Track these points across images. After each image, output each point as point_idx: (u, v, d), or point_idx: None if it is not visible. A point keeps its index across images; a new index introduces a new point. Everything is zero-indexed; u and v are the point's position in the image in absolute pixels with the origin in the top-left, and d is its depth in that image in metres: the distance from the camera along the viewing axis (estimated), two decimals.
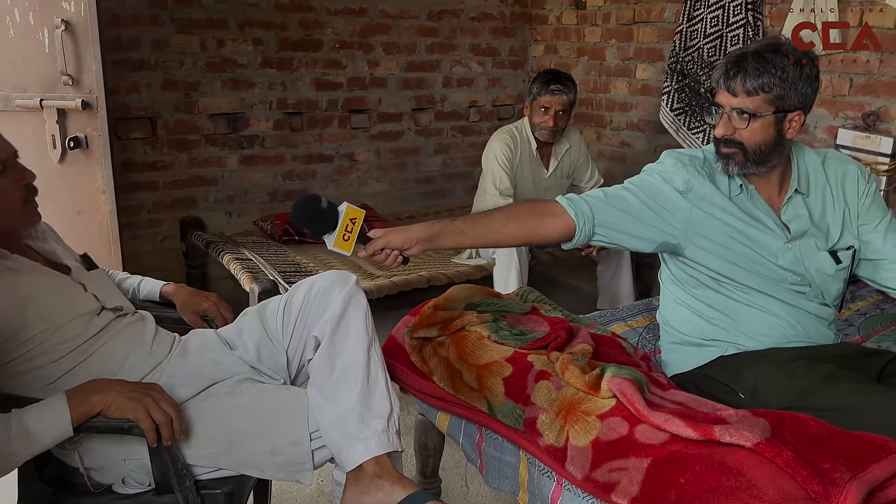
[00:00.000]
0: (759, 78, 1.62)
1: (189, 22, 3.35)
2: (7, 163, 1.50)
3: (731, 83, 1.65)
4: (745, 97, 1.64)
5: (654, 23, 3.77)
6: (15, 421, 1.32)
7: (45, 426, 1.35)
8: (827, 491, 1.21)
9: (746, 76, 1.62)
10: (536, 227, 1.73)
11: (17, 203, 1.51)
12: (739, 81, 1.63)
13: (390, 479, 1.52)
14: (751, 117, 1.65)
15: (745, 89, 1.63)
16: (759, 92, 1.63)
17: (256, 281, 2.59)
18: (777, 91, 1.62)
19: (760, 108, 1.64)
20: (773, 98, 1.63)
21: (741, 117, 1.66)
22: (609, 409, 1.47)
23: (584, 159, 3.38)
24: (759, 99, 1.64)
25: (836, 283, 1.81)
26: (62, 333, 1.51)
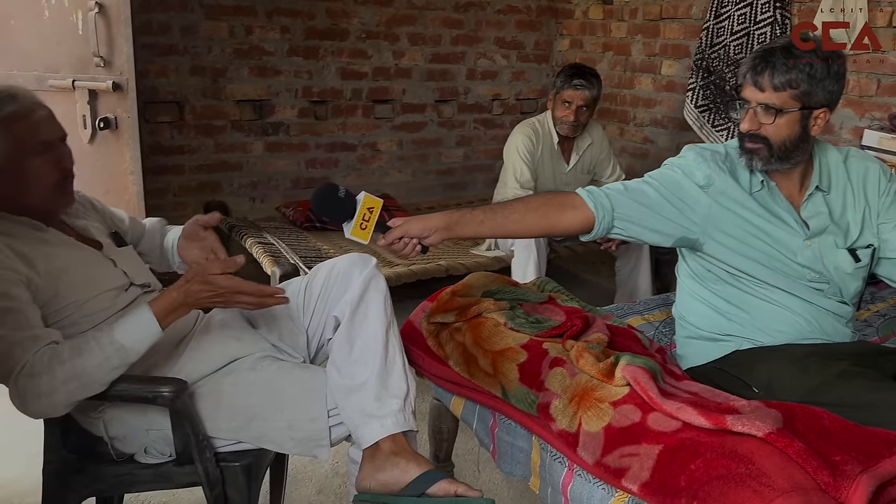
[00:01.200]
0: (786, 74, 1.62)
1: (218, 8, 3.40)
2: (51, 144, 1.55)
3: (758, 78, 1.65)
4: (772, 92, 1.64)
5: (681, 19, 3.76)
6: (108, 340, 1.42)
7: (137, 338, 1.44)
8: (837, 482, 1.22)
9: (774, 71, 1.62)
10: (555, 219, 1.74)
11: (50, 185, 1.55)
12: (767, 77, 1.63)
13: (406, 456, 1.55)
14: (777, 113, 1.65)
15: (772, 84, 1.63)
16: (787, 88, 1.63)
17: (278, 264, 2.63)
18: (804, 87, 1.62)
19: (787, 103, 1.64)
20: (800, 94, 1.63)
21: (767, 113, 1.66)
22: (622, 396, 1.49)
23: (606, 155, 3.39)
24: (786, 95, 1.64)
25: (854, 282, 1.81)
26: (91, 306, 1.56)
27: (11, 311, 1.39)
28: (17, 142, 1.50)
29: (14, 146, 1.50)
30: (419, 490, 1.52)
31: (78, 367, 1.38)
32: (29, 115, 1.53)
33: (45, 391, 1.36)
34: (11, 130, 1.50)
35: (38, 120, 1.54)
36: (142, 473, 1.58)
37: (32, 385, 1.36)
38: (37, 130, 1.53)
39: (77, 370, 1.38)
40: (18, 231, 1.52)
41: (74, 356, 1.39)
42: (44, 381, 1.36)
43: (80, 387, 1.40)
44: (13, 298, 1.40)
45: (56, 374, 1.36)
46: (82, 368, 1.39)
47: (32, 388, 1.36)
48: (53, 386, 1.36)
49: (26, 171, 1.51)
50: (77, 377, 1.38)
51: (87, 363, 1.39)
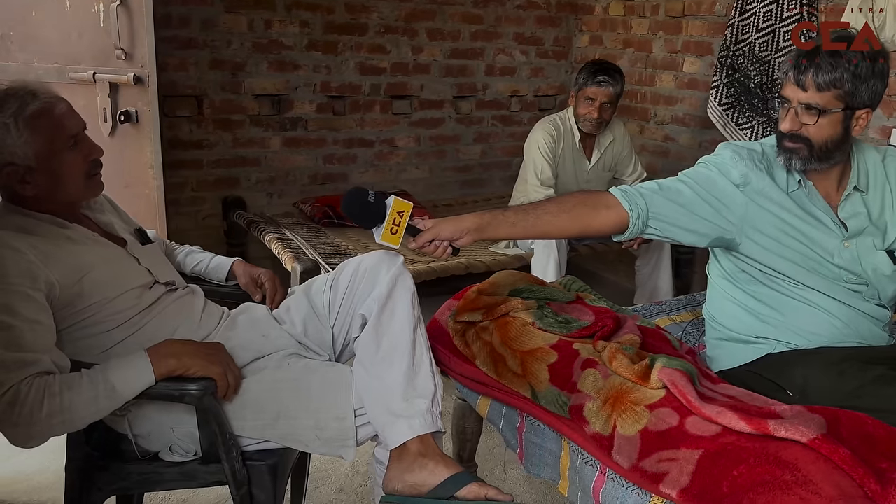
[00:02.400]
0: (831, 73, 1.57)
1: (237, 2, 3.37)
2: (78, 136, 1.54)
3: (801, 77, 1.60)
4: (816, 92, 1.60)
5: (704, 16, 3.71)
6: (101, 379, 1.38)
7: (130, 384, 1.40)
8: (885, 490, 1.19)
9: (819, 70, 1.58)
10: (589, 219, 1.70)
11: (81, 176, 1.55)
12: (811, 76, 1.59)
13: (434, 458, 1.52)
14: (820, 113, 1.61)
15: (816, 84, 1.59)
16: (831, 88, 1.58)
17: (298, 260, 2.61)
18: (848, 87, 1.58)
19: (830, 104, 1.60)
20: (844, 94, 1.59)
21: (809, 113, 1.61)
22: (658, 399, 1.46)
23: (628, 152, 3.35)
24: (830, 95, 1.59)
25: (892, 284, 1.77)
26: (115, 304, 1.54)
27: (8, 328, 1.34)
28: (47, 138, 1.49)
29: (44, 143, 1.49)
30: (448, 493, 1.50)
31: (66, 402, 1.33)
32: (52, 111, 1.51)
33: (23, 422, 1.30)
34: (40, 128, 1.48)
35: (62, 114, 1.53)
36: (167, 472, 1.56)
37: (12, 413, 1.30)
38: (62, 125, 1.52)
39: (64, 405, 1.32)
40: (43, 230, 1.50)
41: (65, 391, 1.33)
42: (25, 411, 1.30)
43: (62, 423, 1.34)
44: (14, 315, 1.35)
45: (42, 407, 1.30)
46: (70, 405, 1.33)
47: (11, 416, 1.30)
48: (35, 418, 1.30)
49: (59, 166, 1.50)
50: (62, 412, 1.32)
51: (75, 399, 1.34)
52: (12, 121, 1.46)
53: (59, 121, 1.51)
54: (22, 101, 1.48)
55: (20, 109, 1.47)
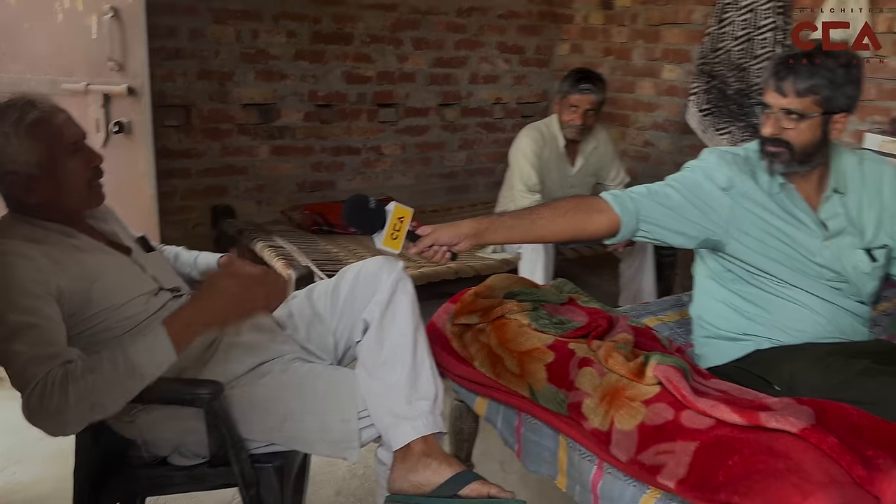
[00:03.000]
0: (809, 79, 1.65)
1: (225, 12, 3.41)
2: (78, 144, 1.57)
3: (781, 84, 1.68)
4: (795, 98, 1.68)
5: (682, 24, 3.81)
6: (122, 359, 1.37)
7: (152, 361, 1.39)
8: (871, 476, 1.25)
9: (798, 77, 1.66)
10: (582, 223, 1.76)
11: (84, 184, 1.58)
12: (790, 82, 1.67)
13: (437, 457, 1.57)
14: (800, 118, 1.68)
15: (795, 90, 1.67)
16: (809, 94, 1.66)
17: (292, 267, 2.64)
18: (826, 93, 1.66)
19: (809, 109, 1.68)
20: (822, 100, 1.67)
21: (790, 118, 1.69)
22: (654, 395, 1.51)
23: (611, 158, 3.42)
24: (809, 100, 1.67)
25: (871, 281, 1.85)
26: (123, 311, 1.57)
27: (33, 326, 1.36)
28: (48, 146, 1.52)
29: (45, 151, 1.51)
30: (452, 491, 1.54)
31: (90, 385, 1.34)
32: (52, 120, 1.54)
33: (55, 410, 1.32)
34: (40, 136, 1.51)
35: (62, 123, 1.56)
36: (175, 475, 1.59)
37: (43, 405, 1.31)
38: (62, 133, 1.55)
39: (89, 389, 1.34)
40: (52, 239, 1.53)
41: (87, 374, 1.34)
42: (54, 400, 1.31)
43: (90, 406, 1.34)
44: (35, 313, 1.38)
45: (68, 393, 1.32)
46: (94, 387, 1.34)
47: (43, 408, 1.32)
48: (65, 405, 1.32)
49: (61, 174, 1.53)
50: (88, 396, 1.34)
51: (98, 382, 1.34)
52: (12, 130, 1.48)
53: (58, 129, 1.54)
54: (21, 111, 1.50)
55: (20, 119, 1.49)
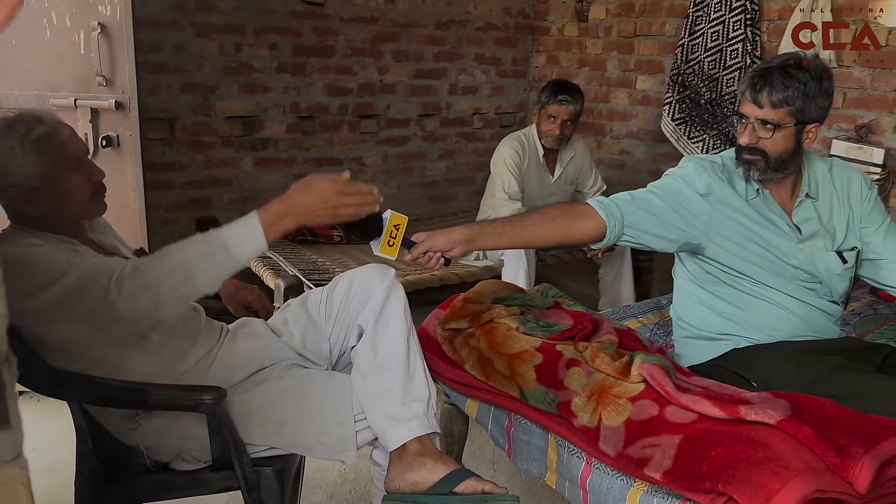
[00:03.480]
0: (783, 91, 1.75)
1: (208, 27, 3.45)
2: (81, 159, 1.62)
3: (757, 95, 1.78)
4: (770, 109, 1.77)
5: (655, 36, 3.92)
6: (214, 236, 1.42)
7: (243, 241, 1.44)
8: (844, 462, 1.33)
9: (773, 89, 1.76)
10: (569, 229, 1.84)
11: (86, 197, 1.63)
12: (766, 94, 1.76)
13: (433, 457, 1.62)
14: (775, 128, 1.78)
15: (770, 102, 1.76)
16: (784, 105, 1.76)
17: (280, 277, 2.68)
18: (799, 104, 1.76)
19: (784, 119, 1.78)
20: (795, 111, 1.77)
21: (765, 128, 1.79)
22: (639, 392, 1.59)
23: (588, 166, 3.51)
24: (784, 111, 1.77)
25: (842, 282, 1.95)
26: None
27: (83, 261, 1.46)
28: (53, 160, 1.56)
29: (50, 164, 1.56)
30: (447, 488, 1.59)
31: (184, 256, 1.39)
32: (57, 134, 1.59)
33: (151, 281, 1.37)
34: (45, 150, 1.55)
35: (66, 138, 1.61)
36: (178, 480, 1.63)
37: (137, 278, 1.37)
38: (67, 148, 1.60)
39: (183, 259, 1.39)
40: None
41: (178, 249, 1.40)
42: (149, 272, 1.38)
43: (183, 280, 1.39)
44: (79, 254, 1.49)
45: (163, 263, 1.38)
46: (186, 259, 1.39)
47: (137, 282, 1.37)
48: (158, 277, 1.38)
49: (64, 187, 1.57)
50: (182, 267, 1.39)
51: (191, 254, 1.40)
52: (18, 144, 1.53)
53: (62, 144, 1.59)
54: (28, 126, 1.55)
55: (26, 133, 1.54)
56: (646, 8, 3.93)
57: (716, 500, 1.35)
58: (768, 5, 3.38)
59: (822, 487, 1.29)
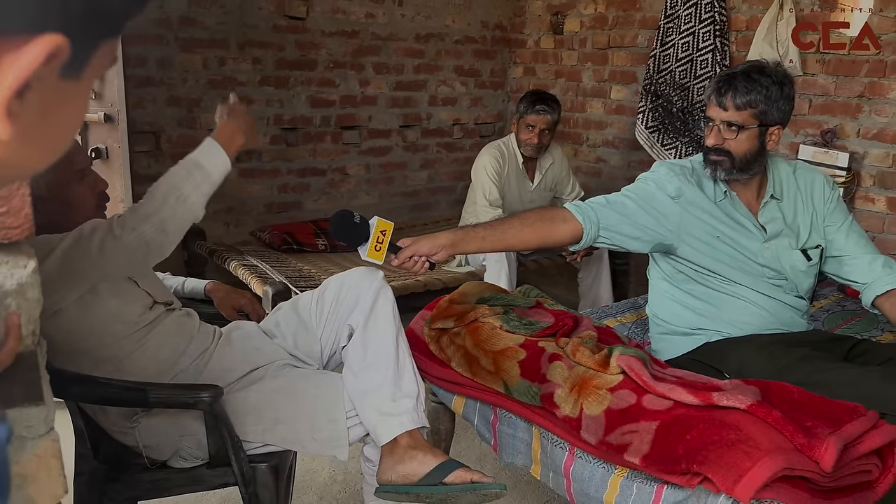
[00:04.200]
0: (747, 95, 1.86)
1: (192, 42, 3.51)
2: (85, 171, 1.68)
3: (722, 99, 1.88)
4: (735, 111, 1.88)
5: (628, 47, 4.04)
6: (187, 161, 1.60)
7: (211, 159, 1.62)
8: (811, 443, 1.42)
9: (736, 93, 1.86)
10: (548, 232, 1.93)
11: (91, 207, 1.69)
12: (730, 97, 1.87)
13: (423, 449, 1.69)
14: (739, 129, 1.88)
15: (734, 104, 1.87)
16: (747, 107, 1.87)
17: (268, 283, 2.74)
18: (762, 107, 1.87)
19: (747, 121, 1.88)
20: (758, 113, 1.87)
21: (730, 129, 1.89)
22: (618, 383, 1.67)
23: (566, 174, 3.61)
24: (747, 113, 1.88)
25: (808, 278, 2.05)
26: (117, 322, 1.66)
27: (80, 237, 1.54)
28: (59, 171, 1.61)
29: (56, 177, 1.61)
30: (437, 479, 1.66)
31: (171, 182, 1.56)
32: None
33: (151, 211, 1.53)
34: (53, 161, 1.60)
35: (72, 151, 1.67)
36: (176, 477, 1.68)
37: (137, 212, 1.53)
38: (72, 160, 1.65)
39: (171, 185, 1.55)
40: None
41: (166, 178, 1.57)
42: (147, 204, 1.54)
43: (178, 201, 1.55)
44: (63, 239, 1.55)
45: (157, 193, 1.55)
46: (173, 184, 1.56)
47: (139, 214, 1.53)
48: (156, 205, 1.54)
49: (69, 198, 1.63)
50: (174, 189, 1.55)
51: (176, 179, 1.56)
52: None
53: (68, 156, 1.63)
54: None
55: None
56: (619, 20, 4.05)
57: (692, 480, 1.43)
58: (736, 16, 3.51)
59: (790, 466, 1.38)
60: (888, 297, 1.98)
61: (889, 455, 1.55)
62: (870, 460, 1.52)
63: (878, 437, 1.52)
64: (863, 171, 3.16)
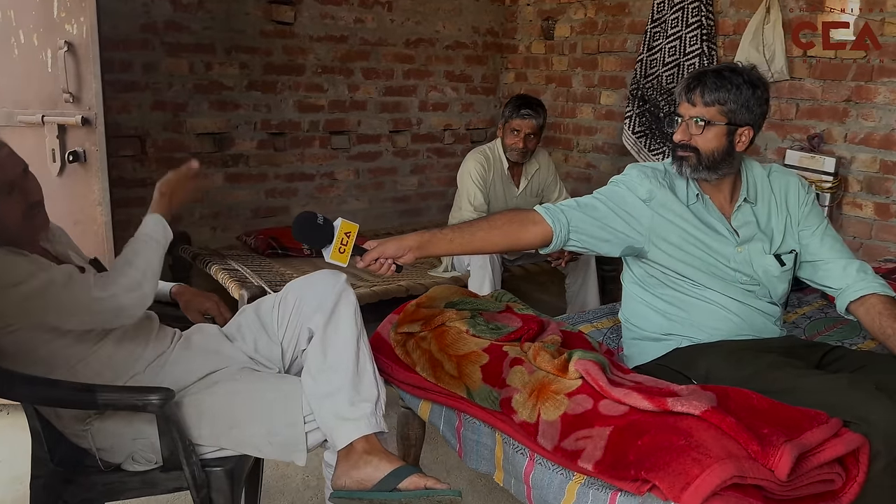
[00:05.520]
0: (715, 91, 1.84)
1: (178, 46, 3.52)
2: (15, 182, 1.61)
3: (691, 95, 1.87)
4: (703, 107, 1.86)
5: (617, 52, 4.02)
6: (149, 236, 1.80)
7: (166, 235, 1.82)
8: (765, 451, 1.39)
9: (705, 89, 1.84)
10: (517, 235, 1.90)
11: (18, 218, 1.62)
12: (699, 93, 1.85)
13: (378, 455, 1.67)
14: (706, 125, 1.86)
15: (703, 100, 1.85)
16: (715, 104, 1.85)
17: (245, 287, 2.73)
18: (731, 105, 1.84)
19: (715, 117, 1.86)
20: (727, 111, 1.85)
21: (697, 125, 1.87)
22: (576, 388, 1.65)
23: (553, 179, 3.59)
24: (715, 110, 1.85)
25: (781, 284, 2.01)
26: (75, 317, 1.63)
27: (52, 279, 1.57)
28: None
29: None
30: (391, 485, 1.63)
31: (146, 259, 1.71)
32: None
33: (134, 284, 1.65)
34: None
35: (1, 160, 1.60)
36: (130, 481, 1.67)
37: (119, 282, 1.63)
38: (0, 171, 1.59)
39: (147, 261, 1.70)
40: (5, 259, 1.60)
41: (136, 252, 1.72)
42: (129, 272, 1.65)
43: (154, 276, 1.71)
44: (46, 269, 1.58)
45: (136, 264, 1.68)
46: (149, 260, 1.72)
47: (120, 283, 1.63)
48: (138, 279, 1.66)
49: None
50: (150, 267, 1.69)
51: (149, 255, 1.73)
52: None
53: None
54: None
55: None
56: (608, 25, 4.04)
57: (641, 487, 1.40)
58: (723, 21, 3.48)
59: (741, 473, 1.35)
60: (862, 302, 1.95)
61: (853, 464, 1.51)
62: (832, 469, 1.48)
63: (840, 445, 1.48)
64: (850, 177, 3.12)
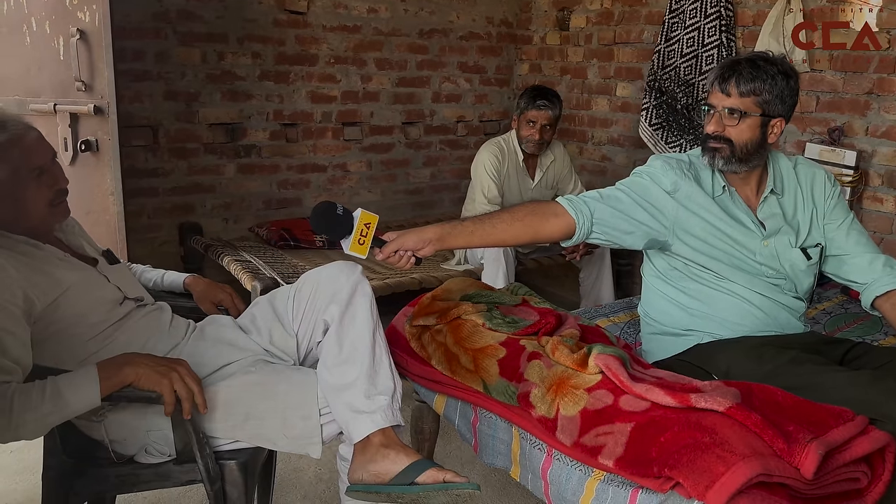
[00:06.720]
0: (751, 82, 1.80)
1: (191, 35, 3.50)
2: (44, 167, 1.61)
3: (725, 85, 1.83)
4: (738, 98, 1.82)
5: (634, 43, 3.97)
6: (50, 385, 1.42)
7: (75, 392, 1.44)
8: (790, 448, 1.36)
9: (741, 79, 1.81)
10: (539, 227, 1.86)
11: (44, 204, 1.62)
12: (734, 83, 1.81)
13: (396, 448, 1.64)
14: (741, 116, 1.82)
15: (738, 91, 1.81)
16: (751, 94, 1.81)
17: (258, 279, 2.71)
18: (766, 96, 1.81)
19: (750, 108, 1.82)
20: (762, 102, 1.82)
21: (732, 116, 1.83)
22: (596, 383, 1.61)
23: (568, 171, 3.55)
24: (750, 101, 1.82)
25: (807, 278, 1.97)
26: (89, 319, 1.63)
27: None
28: (13, 169, 1.56)
29: (10, 174, 1.55)
30: (409, 479, 1.61)
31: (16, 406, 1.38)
32: (21, 142, 1.58)
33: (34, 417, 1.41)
34: (6, 159, 1.54)
35: (30, 145, 1.60)
36: (143, 473, 1.65)
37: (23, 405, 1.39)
38: (30, 156, 1.59)
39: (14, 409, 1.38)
40: (19, 248, 1.58)
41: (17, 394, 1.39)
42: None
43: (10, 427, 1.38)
44: None
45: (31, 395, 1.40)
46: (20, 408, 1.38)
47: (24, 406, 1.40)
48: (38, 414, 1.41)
49: (23, 196, 1.58)
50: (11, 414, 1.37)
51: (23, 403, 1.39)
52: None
53: (25, 152, 1.58)
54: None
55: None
56: (625, 16, 3.99)
57: (664, 484, 1.37)
58: (743, 11, 3.43)
59: (767, 471, 1.31)
60: (888, 297, 1.91)
61: (879, 463, 1.48)
62: (857, 467, 1.45)
63: (867, 443, 1.45)
64: (871, 171, 3.06)
